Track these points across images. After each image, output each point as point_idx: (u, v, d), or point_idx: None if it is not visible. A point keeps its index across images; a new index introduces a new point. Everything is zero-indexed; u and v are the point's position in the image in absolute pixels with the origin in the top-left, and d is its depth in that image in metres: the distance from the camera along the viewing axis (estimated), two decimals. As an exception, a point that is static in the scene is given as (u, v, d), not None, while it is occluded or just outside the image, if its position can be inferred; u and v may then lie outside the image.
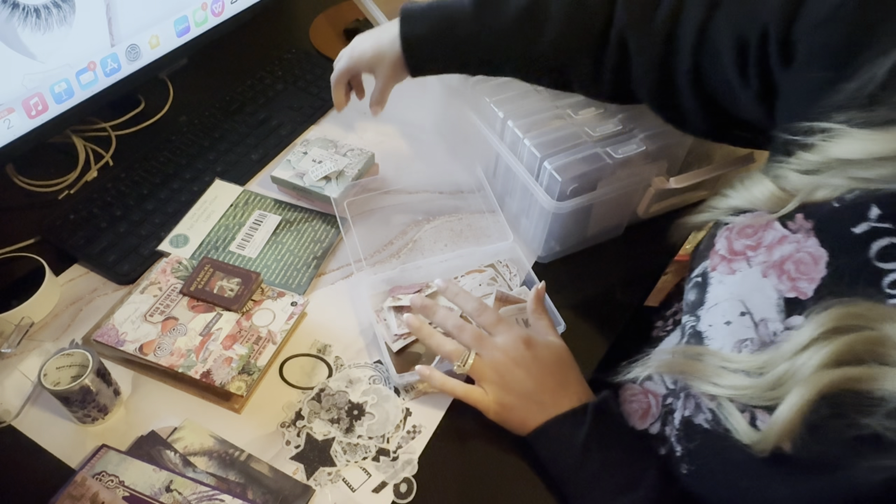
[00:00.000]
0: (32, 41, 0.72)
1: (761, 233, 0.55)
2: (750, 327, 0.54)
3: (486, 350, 0.64)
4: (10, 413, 0.65)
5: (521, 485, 0.64)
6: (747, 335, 0.54)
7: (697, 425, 0.57)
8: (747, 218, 0.57)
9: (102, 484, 0.59)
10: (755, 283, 0.54)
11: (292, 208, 0.86)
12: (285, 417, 0.67)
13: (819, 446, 0.45)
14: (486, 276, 0.79)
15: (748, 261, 0.56)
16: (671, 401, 0.62)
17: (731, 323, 0.55)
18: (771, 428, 0.47)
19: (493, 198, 0.84)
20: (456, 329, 0.65)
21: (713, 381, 0.52)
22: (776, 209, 0.54)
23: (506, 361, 0.63)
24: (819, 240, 0.50)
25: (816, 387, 0.44)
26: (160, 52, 0.90)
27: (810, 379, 0.44)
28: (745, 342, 0.53)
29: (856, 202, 0.48)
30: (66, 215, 0.81)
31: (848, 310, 0.45)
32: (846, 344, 0.44)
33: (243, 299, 0.72)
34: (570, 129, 0.79)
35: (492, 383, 0.64)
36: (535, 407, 0.62)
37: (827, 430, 0.44)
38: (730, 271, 0.57)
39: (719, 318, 0.56)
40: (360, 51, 0.78)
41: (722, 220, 0.59)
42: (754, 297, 0.54)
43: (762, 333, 0.52)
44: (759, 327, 0.53)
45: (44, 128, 0.79)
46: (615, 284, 0.83)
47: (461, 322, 0.66)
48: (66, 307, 0.74)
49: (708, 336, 0.57)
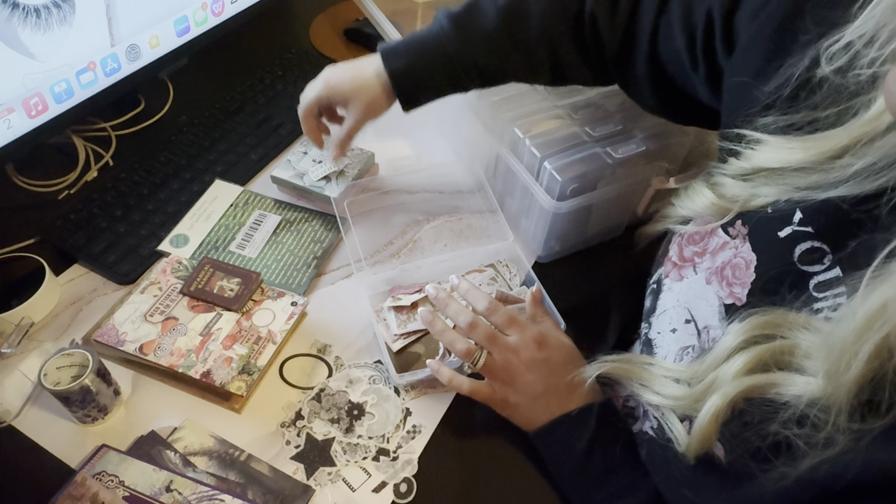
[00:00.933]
0: (32, 41, 0.72)
1: (707, 239, 0.56)
2: (693, 335, 0.54)
3: (498, 350, 0.63)
4: (10, 413, 0.65)
5: (521, 484, 0.64)
6: (690, 342, 0.54)
7: (644, 433, 0.58)
8: (695, 225, 0.57)
9: (102, 484, 0.59)
10: (700, 290, 0.55)
11: (292, 208, 0.86)
12: (285, 417, 0.67)
13: (738, 455, 0.46)
14: (486, 276, 0.79)
15: (695, 267, 0.56)
16: (632, 403, 0.62)
17: (677, 330, 0.56)
18: (693, 435, 0.48)
19: (493, 198, 0.84)
20: (469, 327, 0.64)
21: (656, 391, 0.53)
22: (719, 217, 0.54)
23: (517, 363, 0.63)
24: (751, 244, 0.51)
25: (728, 395, 0.45)
26: (160, 52, 0.90)
27: (725, 387, 0.46)
28: (688, 349, 0.54)
29: (784, 208, 0.48)
30: (66, 215, 0.81)
31: (763, 319, 0.46)
32: (757, 355, 0.45)
33: (243, 299, 0.72)
34: (570, 129, 0.79)
35: (501, 382, 0.63)
36: (542, 408, 0.62)
37: (743, 438, 0.45)
38: (679, 278, 0.58)
39: (666, 325, 0.57)
40: (336, 79, 0.73)
41: (674, 228, 0.60)
42: (699, 304, 0.54)
43: (703, 341, 0.53)
44: (702, 335, 0.53)
45: (44, 128, 0.79)
46: (615, 284, 0.83)
47: (474, 319, 0.64)
48: (66, 307, 0.74)
49: (656, 343, 0.58)
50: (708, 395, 0.47)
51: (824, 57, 0.45)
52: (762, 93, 0.50)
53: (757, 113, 0.51)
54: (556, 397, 0.62)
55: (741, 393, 0.45)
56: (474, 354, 0.63)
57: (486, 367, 0.63)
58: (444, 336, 0.65)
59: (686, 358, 0.54)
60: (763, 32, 0.51)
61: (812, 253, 0.46)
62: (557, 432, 0.61)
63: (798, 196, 0.47)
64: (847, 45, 0.44)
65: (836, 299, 0.44)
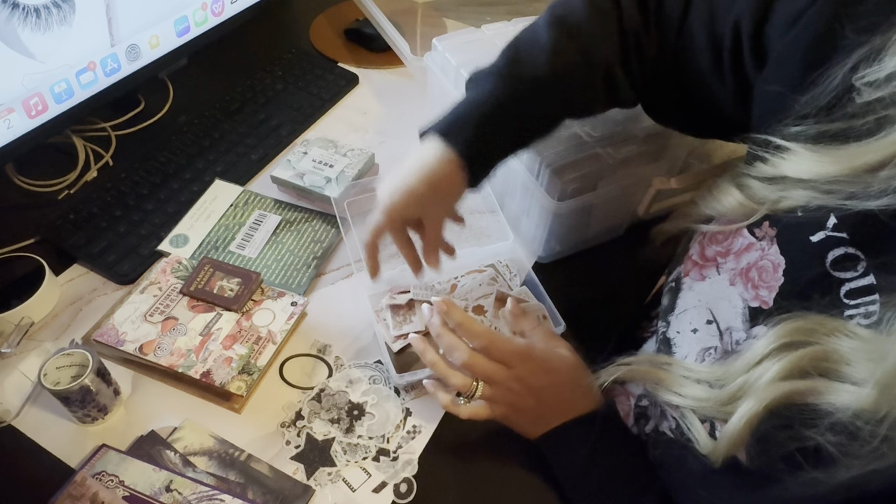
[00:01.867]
0: (32, 41, 0.72)
1: (731, 239, 0.55)
2: (715, 336, 0.53)
3: (497, 387, 0.60)
4: (10, 413, 0.65)
5: (521, 485, 0.64)
6: (712, 343, 0.53)
7: (661, 433, 0.57)
8: (719, 224, 0.56)
9: (102, 484, 0.59)
10: (723, 290, 0.54)
11: (292, 208, 0.86)
12: (285, 417, 0.67)
13: (766, 458, 0.45)
14: (486, 276, 0.79)
15: (718, 267, 0.55)
16: (645, 402, 0.62)
17: (698, 331, 0.55)
18: (722, 438, 0.47)
19: (493, 198, 0.84)
20: (464, 367, 0.60)
21: (676, 391, 0.52)
22: (744, 217, 0.53)
23: (520, 391, 0.60)
24: (780, 247, 0.50)
25: (764, 400, 0.44)
26: (160, 52, 0.90)
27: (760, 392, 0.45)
28: (710, 350, 0.53)
29: (817, 211, 0.47)
30: (66, 215, 0.81)
31: (797, 324, 0.45)
32: (795, 360, 0.44)
33: (243, 299, 0.72)
34: (570, 129, 0.79)
35: (501, 407, 0.61)
36: (542, 422, 0.61)
37: (773, 441, 0.45)
38: (700, 277, 0.57)
39: (687, 325, 0.56)
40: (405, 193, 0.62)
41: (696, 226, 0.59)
42: (721, 304, 0.54)
43: (726, 342, 0.52)
44: (724, 336, 0.53)
45: (44, 128, 0.79)
46: (615, 284, 0.83)
47: (470, 358, 0.60)
48: (66, 307, 0.74)
49: (675, 343, 0.57)
50: (739, 399, 0.46)
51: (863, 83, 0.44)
52: (797, 101, 0.49)
53: (790, 122, 0.49)
54: (557, 414, 0.61)
55: (778, 399, 0.44)
56: (469, 388, 0.60)
57: (484, 394, 0.61)
58: (437, 368, 0.62)
59: (708, 359, 0.53)
60: (800, 43, 0.49)
61: (846, 259, 0.45)
62: (561, 437, 0.61)
63: (833, 203, 0.46)
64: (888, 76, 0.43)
65: (868, 307, 0.43)
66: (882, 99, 0.44)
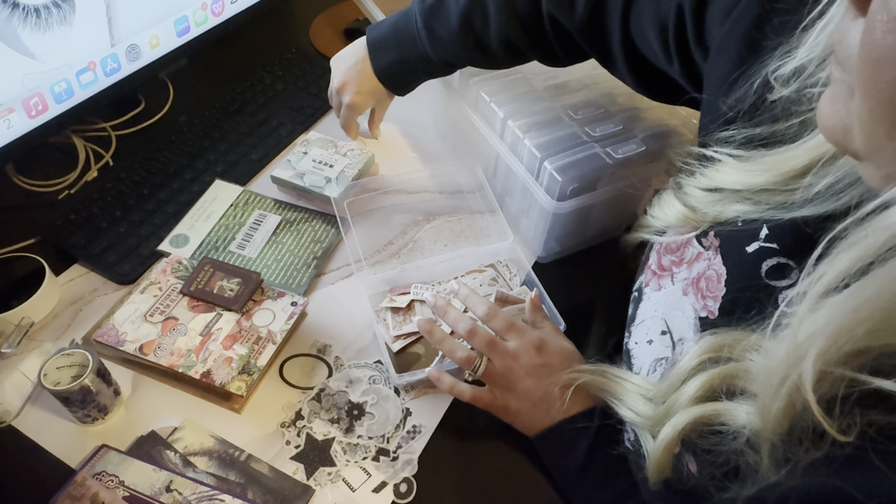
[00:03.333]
0: (32, 41, 0.72)
1: (683, 249, 0.55)
2: (668, 347, 0.53)
3: (497, 356, 0.63)
4: (10, 413, 0.65)
5: (521, 484, 0.64)
6: (664, 354, 0.53)
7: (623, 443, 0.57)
8: (672, 234, 0.57)
9: (102, 484, 0.59)
10: (676, 300, 0.54)
11: (292, 208, 0.86)
12: (285, 417, 0.67)
13: (702, 476, 0.45)
14: (486, 276, 0.79)
15: (672, 277, 0.56)
16: None
17: (653, 342, 0.55)
18: (648, 463, 0.48)
19: (493, 198, 0.84)
20: (468, 333, 0.63)
21: (628, 406, 0.52)
22: (692, 228, 0.53)
23: (517, 369, 0.62)
24: (722, 258, 0.50)
25: (677, 427, 0.45)
26: (160, 52, 0.90)
27: (675, 419, 0.45)
28: (661, 361, 0.53)
29: (753, 222, 0.48)
30: (66, 215, 0.81)
31: (717, 340, 0.45)
32: (707, 380, 0.44)
33: (243, 299, 0.72)
34: (570, 129, 0.79)
35: (502, 389, 0.63)
36: (543, 413, 0.62)
37: (706, 460, 0.45)
38: (657, 287, 0.57)
39: (643, 335, 0.57)
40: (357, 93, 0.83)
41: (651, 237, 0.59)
42: (675, 315, 0.54)
43: (678, 353, 0.52)
44: (677, 346, 0.53)
45: (44, 128, 0.79)
46: (615, 284, 0.82)
47: (473, 326, 0.63)
48: (66, 307, 0.74)
49: (633, 354, 0.58)
50: (665, 419, 0.47)
51: (774, 79, 0.44)
52: (725, 105, 0.49)
53: (719, 127, 0.50)
54: (556, 401, 0.62)
55: (689, 425, 0.45)
56: (474, 362, 0.63)
57: (486, 373, 0.63)
58: (444, 345, 0.65)
59: (658, 370, 0.53)
60: (733, 35, 0.50)
61: (779, 269, 0.46)
62: (558, 436, 0.61)
63: (766, 214, 0.46)
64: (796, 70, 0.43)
65: None
66: (798, 100, 0.44)
